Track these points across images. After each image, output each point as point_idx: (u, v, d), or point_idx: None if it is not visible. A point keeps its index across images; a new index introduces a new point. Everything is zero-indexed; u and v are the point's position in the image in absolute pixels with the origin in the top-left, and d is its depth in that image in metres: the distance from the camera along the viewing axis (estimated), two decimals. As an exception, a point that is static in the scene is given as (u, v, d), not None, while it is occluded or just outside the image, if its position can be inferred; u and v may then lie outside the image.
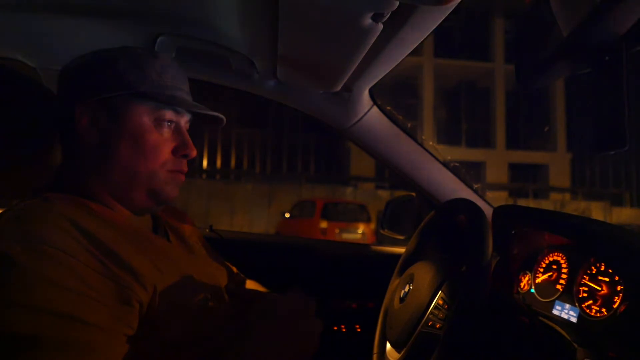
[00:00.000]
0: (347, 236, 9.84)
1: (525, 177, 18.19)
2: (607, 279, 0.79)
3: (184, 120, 0.81)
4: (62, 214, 0.64)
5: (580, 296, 0.82)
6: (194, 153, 0.80)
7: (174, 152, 0.78)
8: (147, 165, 0.75)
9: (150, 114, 0.75)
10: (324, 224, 9.87)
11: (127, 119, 0.74)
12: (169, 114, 0.77)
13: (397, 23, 0.76)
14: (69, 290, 0.58)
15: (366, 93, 1.21)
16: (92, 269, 0.61)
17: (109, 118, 0.74)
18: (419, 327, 0.85)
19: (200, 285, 0.78)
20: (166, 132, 0.77)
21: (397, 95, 15.32)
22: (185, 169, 0.81)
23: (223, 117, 0.84)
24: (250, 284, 1.10)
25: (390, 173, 1.40)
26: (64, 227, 0.62)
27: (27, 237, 0.59)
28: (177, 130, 0.79)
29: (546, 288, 0.90)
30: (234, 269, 1.06)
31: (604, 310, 0.76)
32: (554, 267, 0.91)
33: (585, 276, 0.83)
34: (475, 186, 1.39)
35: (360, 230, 10.15)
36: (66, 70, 0.78)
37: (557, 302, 0.86)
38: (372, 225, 10.36)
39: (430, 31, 0.80)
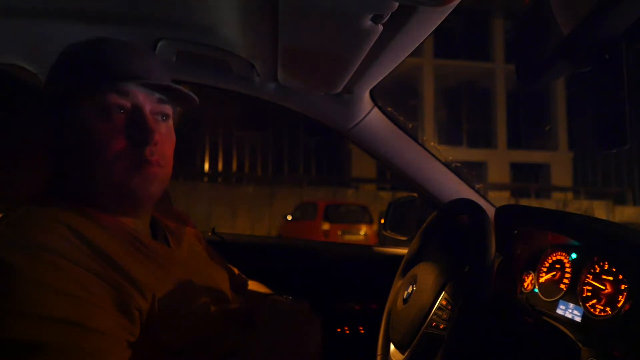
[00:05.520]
0: (350, 238, 9.84)
1: (527, 177, 18.17)
2: (611, 278, 0.78)
3: (148, 102, 0.71)
4: (60, 220, 0.63)
5: (584, 295, 0.82)
6: (152, 137, 0.69)
7: (131, 140, 0.68)
8: (97, 161, 0.67)
9: (91, 100, 0.67)
10: (326, 226, 9.87)
11: (71, 111, 0.68)
12: (113, 98, 0.67)
13: (397, 24, 0.76)
14: (70, 296, 0.58)
15: (367, 94, 1.21)
16: (92, 275, 0.61)
17: (58, 113, 0.70)
18: (423, 328, 0.85)
19: (201, 290, 0.77)
20: (117, 120, 0.68)
21: (397, 97, 15.33)
22: (153, 158, 0.70)
23: (192, 95, 0.74)
24: (253, 285, 1.10)
25: (391, 174, 1.40)
26: (63, 233, 0.62)
27: (27, 244, 0.59)
28: (133, 115, 0.69)
29: (550, 287, 0.90)
30: (236, 271, 1.06)
31: (608, 309, 0.76)
32: (557, 266, 0.90)
33: (589, 275, 0.83)
34: (477, 186, 1.39)
35: (362, 232, 10.15)
36: None
37: (561, 301, 0.86)
38: (374, 227, 10.36)
39: (430, 32, 0.80)
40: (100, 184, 0.69)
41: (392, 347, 0.97)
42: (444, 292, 0.87)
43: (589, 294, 0.81)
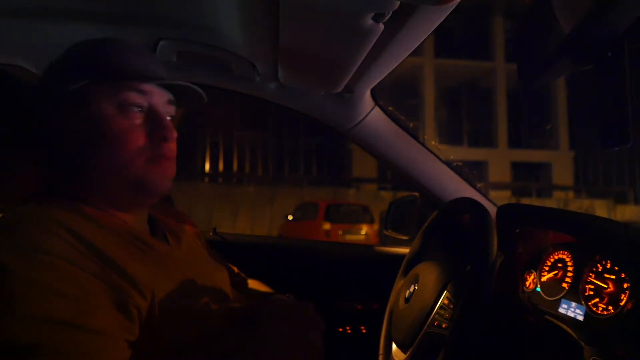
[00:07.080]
0: (351, 237, 9.84)
1: (528, 176, 18.17)
2: (613, 277, 0.78)
3: (161, 103, 0.74)
4: (56, 220, 0.63)
5: (586, 294, 0.82)
6: (172, 134, 0.73)
7: (150, 137, 0.72)
8: (118, 156, 0.69)
9: (110, 99, 0.69)
10: (327, 226, 9.87)
11: (88, 109, 0.69)
12: (132, 97, 0.70)
13: (398, 23, 0.76)
14: (67, 297, 0.57)
15: (368, 94, 1.21)
16: (89, 275, 0.60)
17: (73, 110, 0.70)
18: (425, 327, 0.85)
19: (201, 289, 0.77)
20: (136, 118, 0.71)
21: (398, 96, 15.33)
22: (169, 154, 0.74)
23: (201, 92, 0.78)
24: (253, 284, 1.10)
25: (392, 174, 1.40)
26: (59, 233, 0.61)
27: (23, 246, 0.58)
28: (150, 114, 0.73)
29: (552, 286, 0.90)
30: (235, 269, 1.06)
31: (610, 308, 0.76)
32: (559, 265, 0.90)
33: (591, 274, 0.82)
34: (479, 185, 1.39)
35: (363, 232, 10.15)
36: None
37: (563, 300, 0.85)
38: (375, 227, 10.36)
39: (431, 31, 0.80)
40: (119, 179, 0.71)
41: (394, 346, 0.97)
42: (445, 292, 0.87)
43: (591, 292, 0.81)
